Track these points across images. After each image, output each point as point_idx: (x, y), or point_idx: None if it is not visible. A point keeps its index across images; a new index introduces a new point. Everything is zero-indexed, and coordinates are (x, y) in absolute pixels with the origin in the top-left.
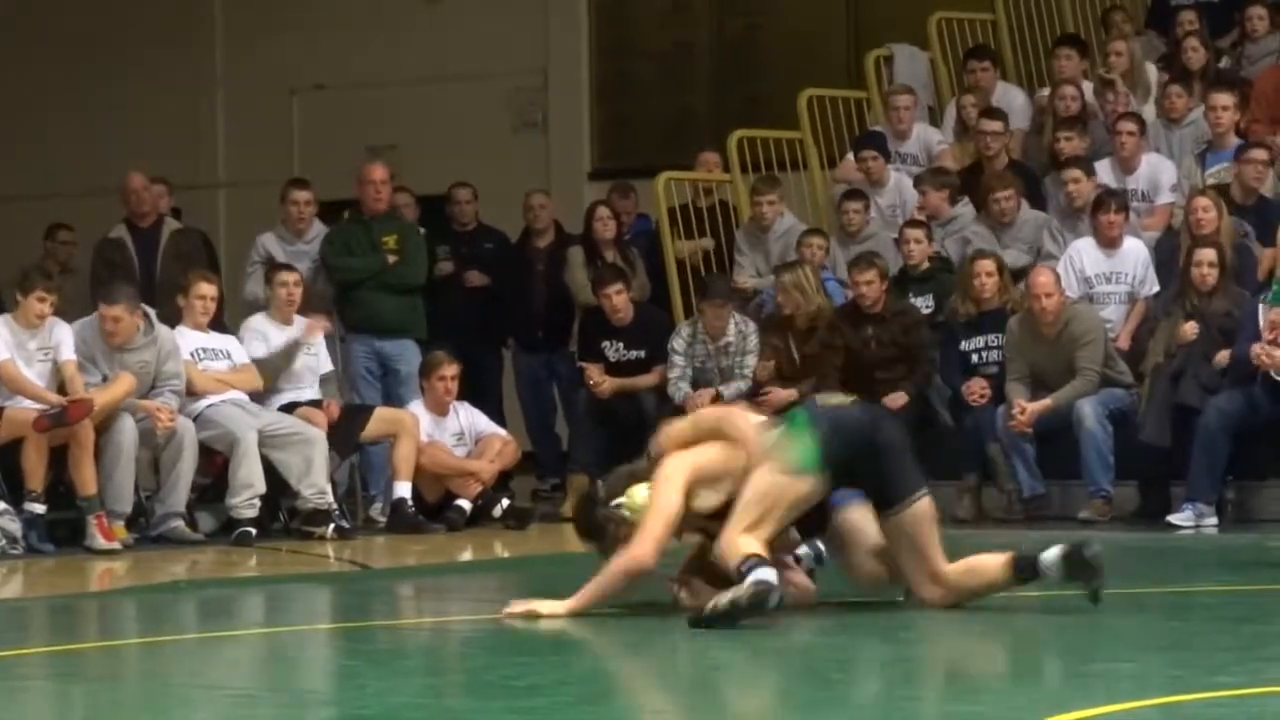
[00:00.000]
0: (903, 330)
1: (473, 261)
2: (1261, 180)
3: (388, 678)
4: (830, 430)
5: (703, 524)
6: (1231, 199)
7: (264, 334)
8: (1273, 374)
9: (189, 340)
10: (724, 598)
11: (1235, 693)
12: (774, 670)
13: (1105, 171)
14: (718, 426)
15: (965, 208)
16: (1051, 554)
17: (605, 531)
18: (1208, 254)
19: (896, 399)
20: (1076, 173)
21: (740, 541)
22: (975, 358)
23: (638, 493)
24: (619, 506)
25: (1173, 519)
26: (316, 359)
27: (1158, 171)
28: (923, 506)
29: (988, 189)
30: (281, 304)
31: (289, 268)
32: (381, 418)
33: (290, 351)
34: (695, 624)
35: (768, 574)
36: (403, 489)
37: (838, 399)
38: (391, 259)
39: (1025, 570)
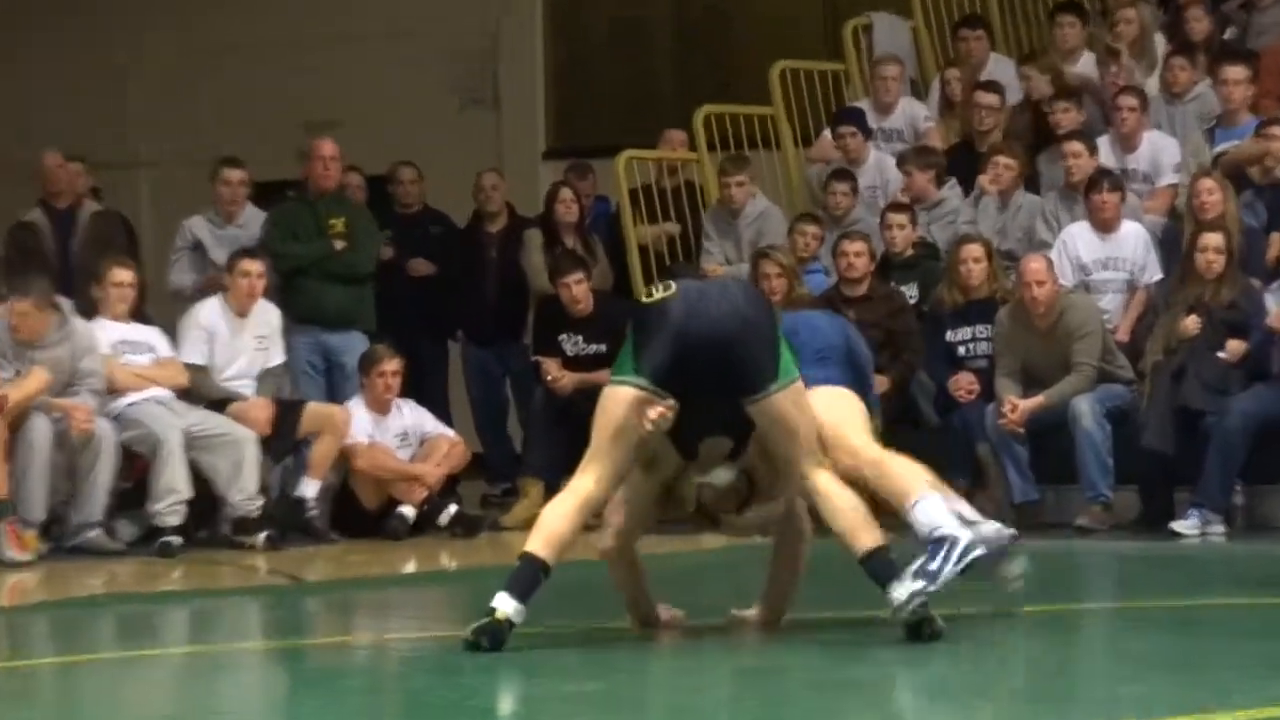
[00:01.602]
0: (889, 313)
1: (417, 247)
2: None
3: (322, 699)
4: (641, 331)
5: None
6: (1249, 179)
7: (212, 330)
8: None
9: (108, 332)
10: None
11: (1246, 713)
12: (744, 691)
13: (1104, 149)
14: None
15: (952, 190)
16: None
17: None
18: (1214, 239)
19: (879, 382)
20: (1078, 145)
21: (541, 516)
22: (962, 350)
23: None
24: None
25: (1177, 526)
26: (266, 353)
27: (1159, 150)
28: (774, 402)
29: (989, 157)
30: (242, 295)
31: (253, 254)
32: (312, 413)
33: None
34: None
35: (501, 600)
36: (309, 488)
37: (659, 292)
38: (339, 245)
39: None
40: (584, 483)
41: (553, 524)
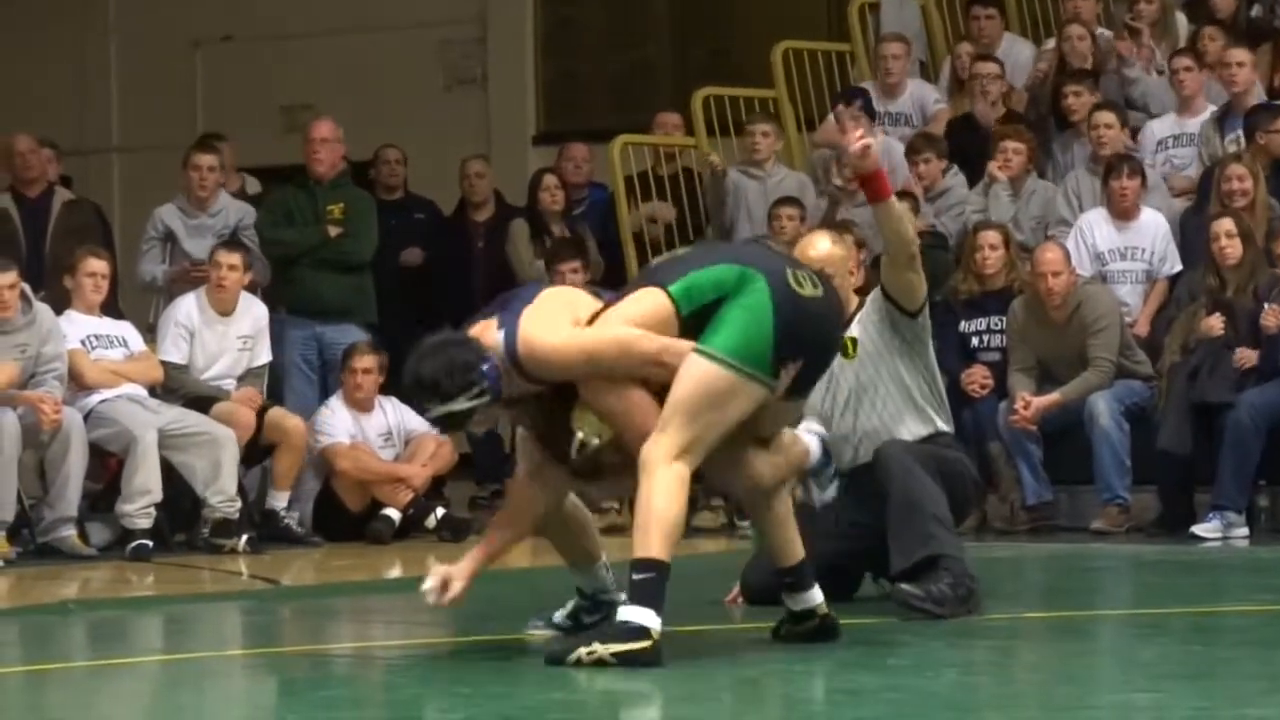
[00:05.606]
0: None
1: (402, 235)
2: None
3: (305, 710)
4: (794, 324)
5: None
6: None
7: (190, 329)
8: None
9: (79, 326)
10: (591, 647)
11: None
12: (749, 703)
13: (1168, 119)
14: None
15: (955, 177)
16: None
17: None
18: (1225, 224)
19: None
20: (1110, 115)
21: (653, 509)
22: (976, 341)
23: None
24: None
25: (1198, 529)
26: (251, 353)
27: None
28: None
29: (997, 142)
30: (214, 288)
31: (234, 246)
32: (270, 422)
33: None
34: (550, 660)
35: (649, 618)
36: (279, 499)
37: (809, 286)
38: (334, 231)
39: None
40: (685, 469)
41: (671, 521)
